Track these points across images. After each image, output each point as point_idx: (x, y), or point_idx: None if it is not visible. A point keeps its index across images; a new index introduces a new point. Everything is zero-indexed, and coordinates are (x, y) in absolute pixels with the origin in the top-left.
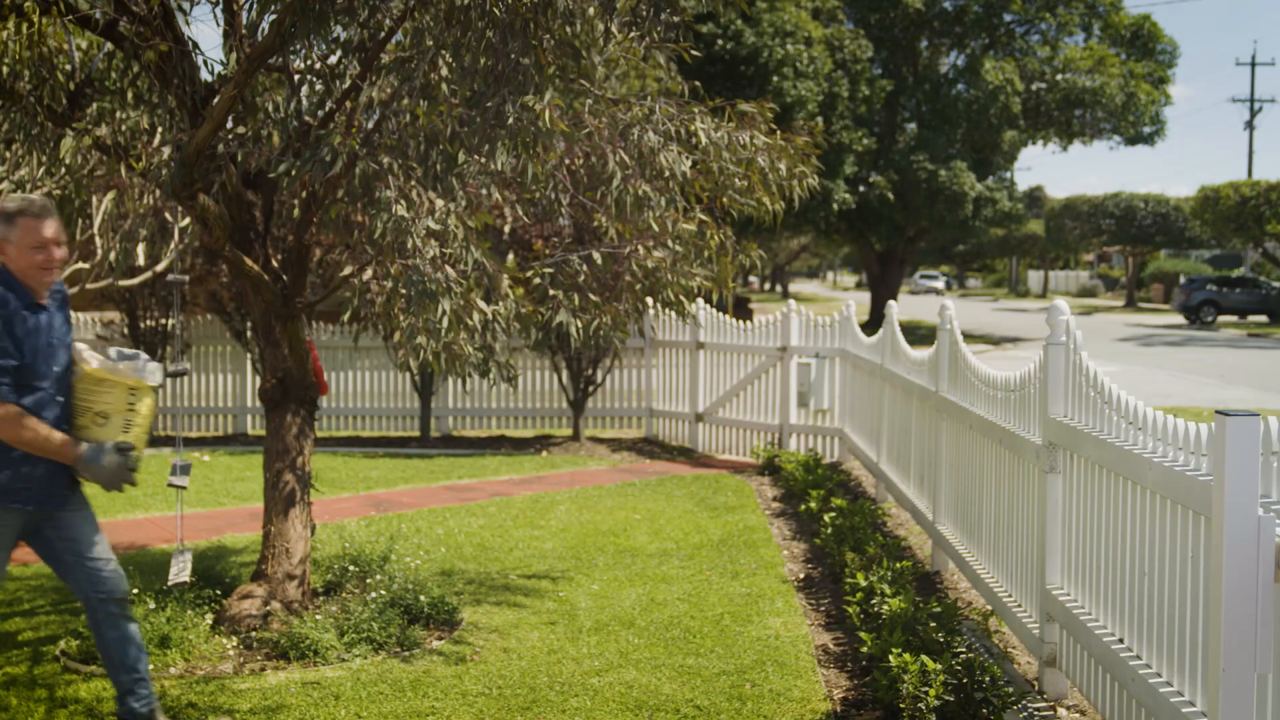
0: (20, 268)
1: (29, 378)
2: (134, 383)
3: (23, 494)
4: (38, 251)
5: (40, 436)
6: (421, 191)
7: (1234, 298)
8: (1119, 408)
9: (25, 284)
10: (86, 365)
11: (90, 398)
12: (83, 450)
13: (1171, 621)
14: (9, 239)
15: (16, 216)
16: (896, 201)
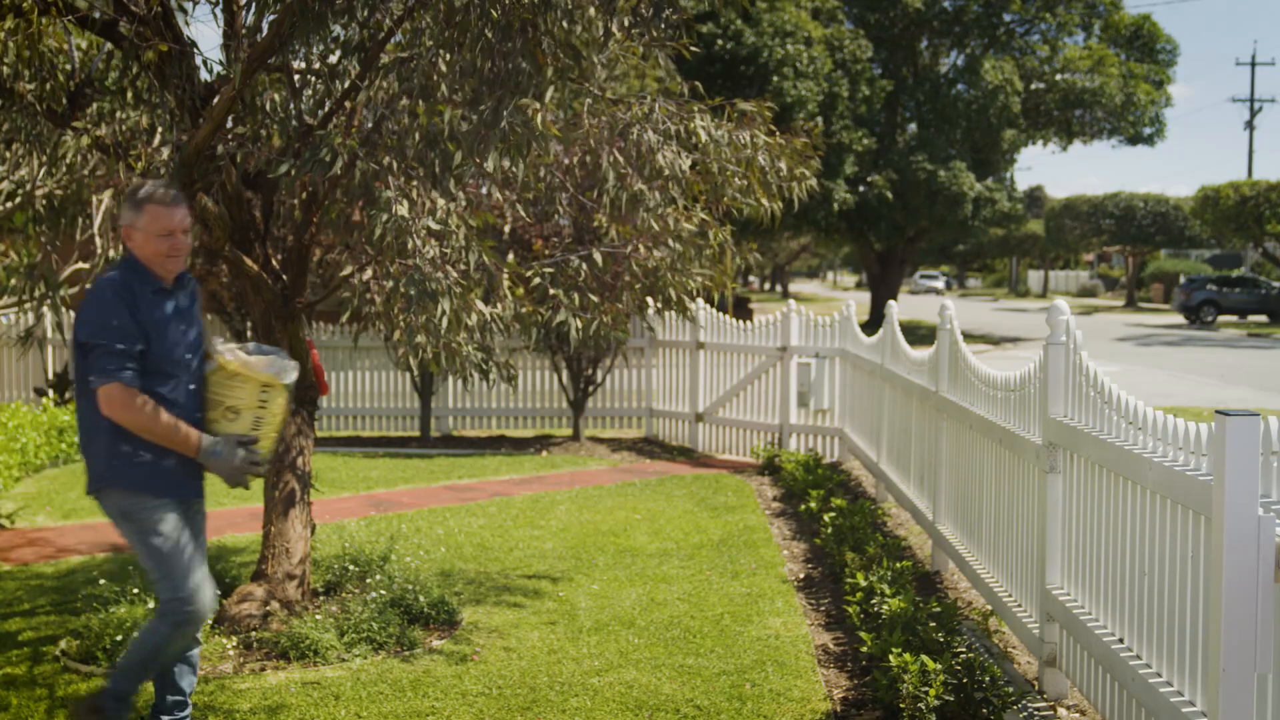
0: (146, 255)
1: (159, 365)
2: (267, 379)
3: (156, 484)
4: (164, 239)
5: (162, 425)
6: (422, 191)
7: (1234, 297)
8: (1119, 408)
9: (152, 271)
10: (220, 358)
11: (222, 392)
12: (205, 443)
13: (1172, 621)
14: (136, 226)
15: (145, 203)
16: (896, 201)
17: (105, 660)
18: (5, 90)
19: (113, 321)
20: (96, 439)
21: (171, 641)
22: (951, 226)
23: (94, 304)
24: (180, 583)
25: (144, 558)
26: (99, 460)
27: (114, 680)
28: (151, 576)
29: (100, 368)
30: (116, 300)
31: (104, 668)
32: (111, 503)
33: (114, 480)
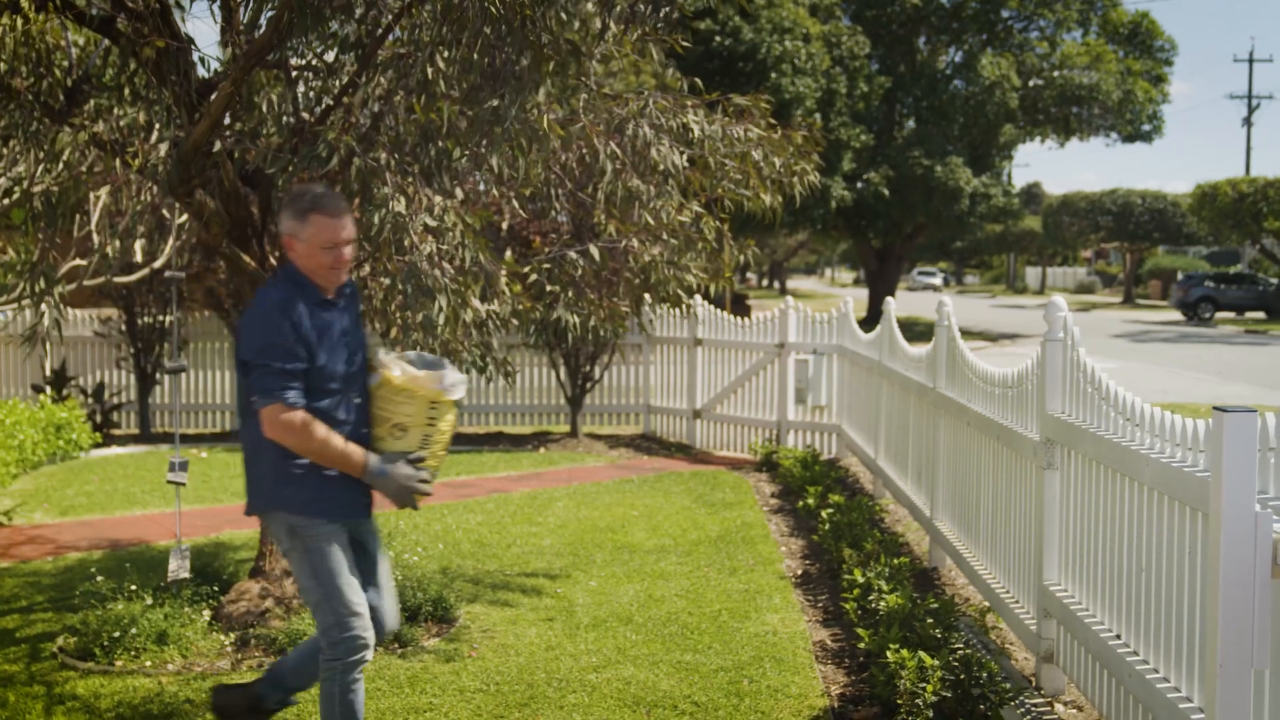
0: (309, 266)
1: (321, 380)
2: (436, 396)
3: (324, 506)
4: (329, 252)
5: (328, 446)
6: (419, 188)
7: (1231, 294)
8: (1116, 404)
9: (313, 282)
10: (388, 373)
11: (389, 408)
12: (371, 462)
13: (1169, 618)
14: (299, 236)
15: (310, 213)
16: (894, 198)
17: (103, 656)
18: (3, 86)
19: (275, 339)
20: (261, 460)
21: (348, 681)
22: (948, 222)
23: (256, 321)
24: (342, 609)
25: (304, 579)
26: (264, 482)
27: None
28: (310, 599)
29: (263, 388)
30: (279, 316)
31: (102, 663)
32: (278, 522)
33: (280, 504)
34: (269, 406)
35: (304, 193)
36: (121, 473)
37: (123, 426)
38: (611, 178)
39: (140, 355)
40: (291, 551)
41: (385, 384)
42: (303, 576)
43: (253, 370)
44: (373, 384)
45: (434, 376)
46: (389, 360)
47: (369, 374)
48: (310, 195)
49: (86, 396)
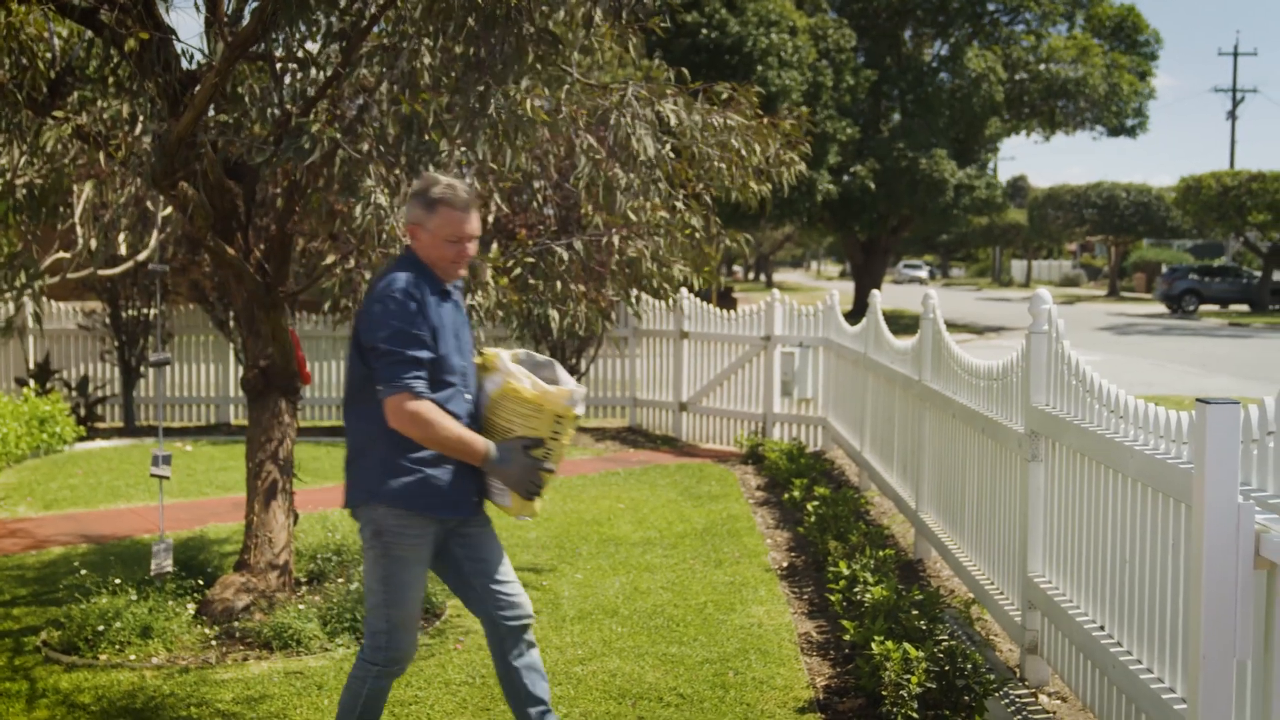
0: (430, 257)
1: (440, 371)
2: (565, 412)
3: (431, 501)
4: (453, 245)
5: (451, 435)
6: (404, 179)
7: (1215, 287)
8: (1101, 396)
9: (434, 273)
10: (517, 384)
11: (512, 419)
12: (492, 450)
13: (1152, 609)
14: (424, 225)
15: (438, 204)
16: (879, 190)
17: (87, 650)
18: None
19: (406, 326)
20: (372, 451)
21: (379, 687)
22: (933, 214)
23: (384, 307)
24: (396, 621)
25: (374, 580)
26: (371, 474)
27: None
28: (371, 600)
29: (389, 376)
30: (409, 303)
31: (86, 657)
32: (371, 518)
33: (384, 498)
34: (395, 395)
35: (433, 182)
36: (105, 466)
37: (107, 420)
38: (591, 169)
39: (124, 348)
40: (371, 550)
41: (511, 395)
42: (372, 578)
43: (379, 357)
44: (493, 389)
45: (566, 394)
46: (515, 369)
47: (487, 375)
48: (439, 185)
49: (70, 390)
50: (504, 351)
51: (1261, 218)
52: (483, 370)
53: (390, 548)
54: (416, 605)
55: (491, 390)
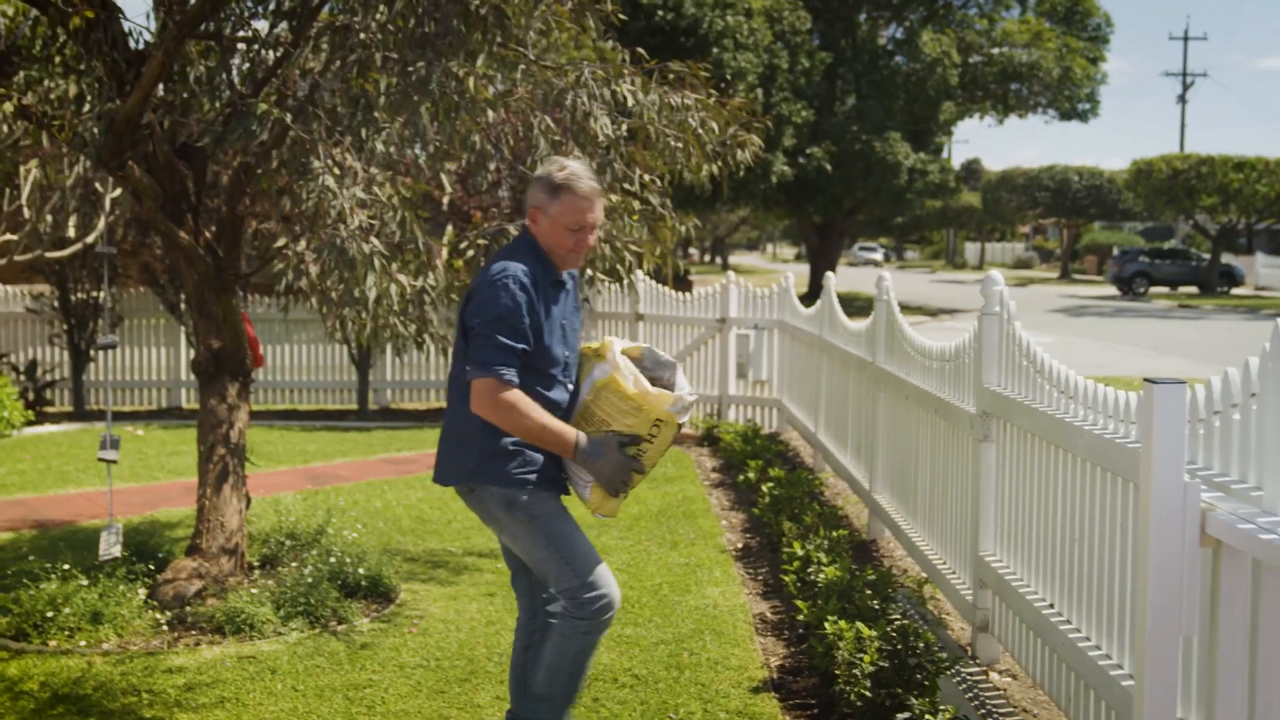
0: (549, 243)
1: (541, 363)
2: (665, 416)
3: (539, 479)
4: (573, 233)
5: (536, 423)
6: (352, 159)
7: (1165, 269)
8: (1051, 377)
9: (550, 259)
10: (619, 377)
11: (610, 412)
12: (584, 442)
13: (1101, 587)
14: (546, 211)
15: (562, 191)
16: (834, 173)
17: (36, 636)
18: None
19: (509, 315)
20: (468, 440)
21: (590, 642)
22: (887, 197)
23: (494, 291)
24: (584, 568)
25: (536, 548)
26: (470, 458)
27: (529, 712)
28: (546, 569)
29: (482, 360)
30: (518, 291)
31: (35, 643)
32: (489, 496)
33: (492, 479)
34: (483, 380)
35: (559, 167)
36: (55, 451)
37: (56, 404)
38: (547, 149)
39: (74, 332)
40: (514, 523)
41: (613, 388)
42: (534, 546)
43: (475, 339)
44: (598, 378)
45: (667, 397)
46: (622, 362)
47: (596, 363)
48: (565, 171)
49: (18, 374)
50: (620, 342)
51: (1210, 201)
52: (594, 357)
53: (531, 509)
54: (591, 548)
55: (598, 378)
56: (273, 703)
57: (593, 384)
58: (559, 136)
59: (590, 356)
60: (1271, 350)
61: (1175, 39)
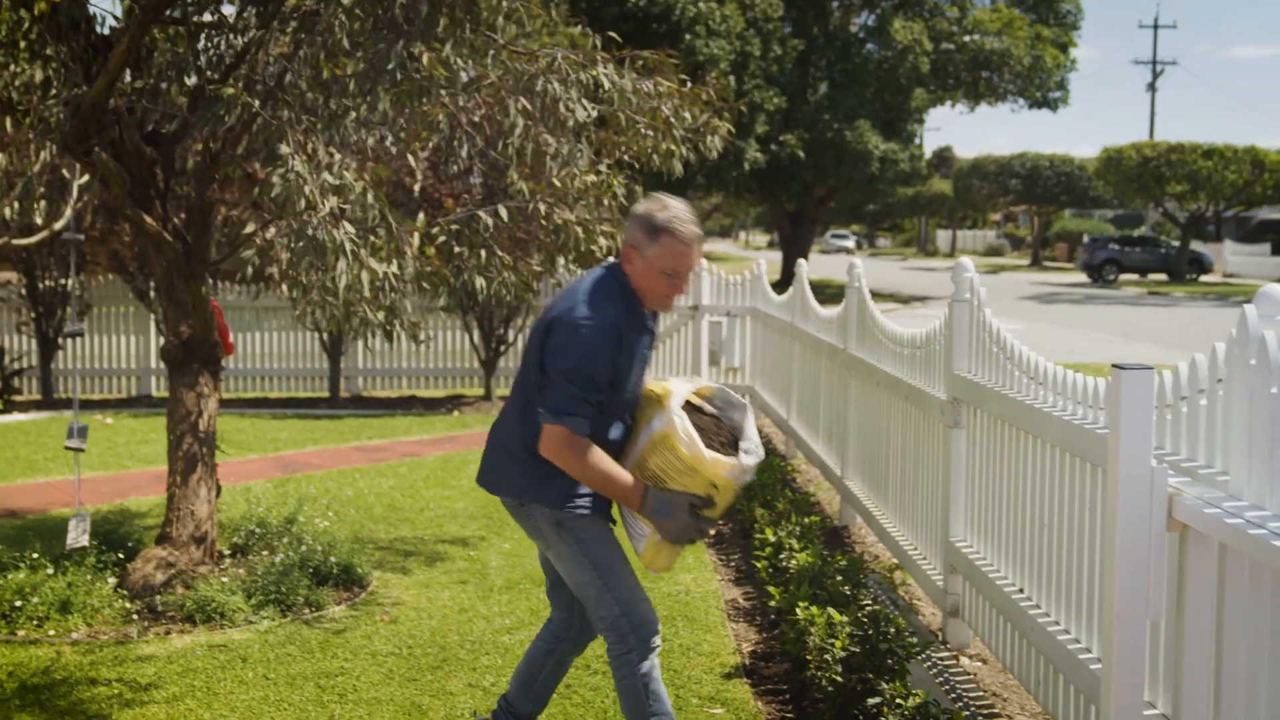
0: (641, 285)
1: (613, 407)
2: (721, 482)
3: (586, 503)
4: (668, 278)
5: (607, 476)
6: (322, 146)
7: (1135, 256)
8: (1021, 363)
9: (638, 300)
10: (675, 439)
11: (664, 467)
12: (652, 500)
13: (1070, 572)
14: (642, 251)
15: (662, 233)
16: (806, 160)
17: (3, 625)
18: None
19: (590, 368)
20: (514, 461)
21: (646, 671)
22: (859, 185)
23: (578, 339)
24: (626, 597)
25: (581, 571)
26: (517, 480)
27: None
28: (588, 594)
29: (555, 407)
30: (604, 343)
31: (3, 633)
32: (539, 513)
33: (539, 499)
34: (555, 426)
35: (661, 206)
36: (23, 439)
37: (24, 392)
38: (522, 133)
39: (41, 319)
40: (562, 545)
41: (669, 444)
42: (578, 569)
43: (553, 382)
44: (656, 430)
45: (724, 464)
46: (677, 419)
47: (656, 411)
48: (668, 212)
49: None
50: (685, 385)
51: (1180, 188)
52: (655, 403)
53: (579, 532)
54: (634, 578)
55: (656, 429)
56: (244, 691)
57: (650, 435)
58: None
59: (652, 401)
60: (1238, 336)
61: (1145, 27)
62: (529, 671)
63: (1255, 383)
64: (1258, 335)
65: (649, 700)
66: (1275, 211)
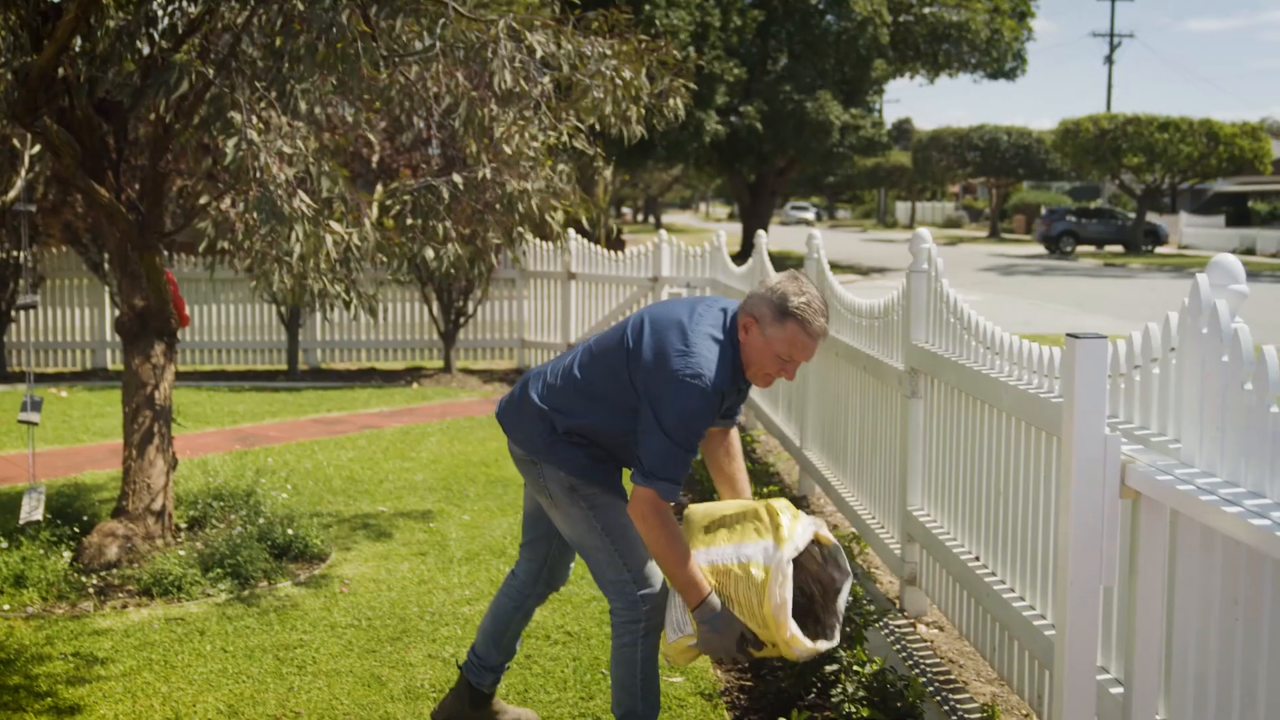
0: (751, 358)
1: None
2: (782, 646)
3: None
4: (780, 363)
5: (678, 560)
6: (276, 114)
7: (1092, 228)
8: (978, 333)
9: (741, 369)
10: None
11: (741, 600)
12: (713, 607)
13: (1025, 539)
14: (763, 328)
15: (790, 319)
16: (766, 132)
17: None
18: None
19: (694, 423)
20: (544, 418)
21: (651, 644)
22: (819, 155)
23: (685, 393)
24: (636, 564)
25: (590, 535)
26: (535, 439)
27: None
28: (597, 558)
29: (652, 466)
30: (703, 406)
31: None
32: (552, 475)
33: (556, 463)
34: (645, 490)
35: (798, 291)
36: None
37: None
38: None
39: None
40: (574, 509)
41: (756, 588)
42: (588, 533)
43: (653, 433)
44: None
45: (797, 641)
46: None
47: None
48: (803, 299)
49: None
50: (806, 532)
51: (1136, 160)
52: (765, 528)
53: (593, 498)
54: (645, 545)
55: (756, 559)
56: (201, 664)
57: (741, 559)
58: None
59: (762, 523)
60: (1190, 305)
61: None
62: (495, 627)
63: (1207, 351)
64: (1209, 304)
65: (644, 680)
66: (1230, 184)
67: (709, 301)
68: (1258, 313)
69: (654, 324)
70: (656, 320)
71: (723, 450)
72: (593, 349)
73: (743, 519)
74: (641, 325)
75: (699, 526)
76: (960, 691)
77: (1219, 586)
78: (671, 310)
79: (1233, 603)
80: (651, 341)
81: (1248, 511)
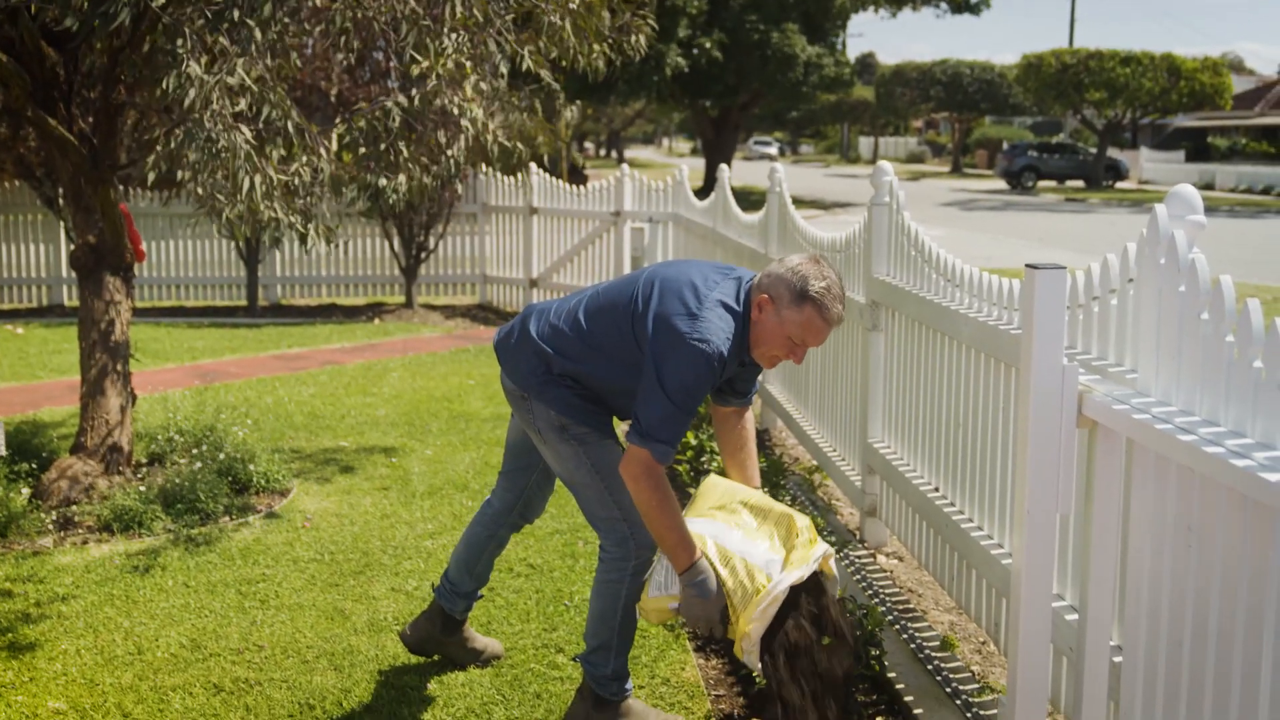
0: (760, 336)
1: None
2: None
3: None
4: (790, 346)
5: (670, 524)
6: (226, 45)
7: (1053, 163)
8: (939, 266)
9: (749, 344)
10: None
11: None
12: (702, 574)
13: (983, 470)
14: (779, 309)
15: (807, 303)
16: (729, 64)
17: None
18: None
19: (695, 387)
20: (540, 356)
21: (638, 584)
22: (783, 90)
23: (690, 356)
24: (627, 501)
25: (581, 472)
26: (528, 376)
27: (590, 665)
28: (587, 495)
29: (649, 426)
30: (713, 366)
31: None
32: (542, 414)
33: (546, 402)
34: (640, 449)
35: (820, 276)
36: None
37: None
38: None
39: None
40: (564, 446)
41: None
42: (578, 470)
43: (654, 396)
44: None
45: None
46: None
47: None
48: (824, 283)
49: None
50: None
51: (1098, 95)
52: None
53: (584, 437)
54: None
55: (760, 562)
56: (164, 599)
57: (748, 563)
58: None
59: (776, 532)
60: (1148, 236)
61: None
62: (469, 555)
63: (1164, 281)
64: (1167, 234)
65: (623, 615)
66: (1190, 119)
67: (725, 269)
68: (1216, 248)
69: (665, 284)
70: (668, 280)
71: (736, 434)
72: (600, 299)
73: (764, 519)
74: (653, 285)
75: (715, 501)
76: (919, 620)
77: (1173, 514)
78: (684, 271)
79: (1186, 530)
80: (660, 301)
81: (1202, 440)
